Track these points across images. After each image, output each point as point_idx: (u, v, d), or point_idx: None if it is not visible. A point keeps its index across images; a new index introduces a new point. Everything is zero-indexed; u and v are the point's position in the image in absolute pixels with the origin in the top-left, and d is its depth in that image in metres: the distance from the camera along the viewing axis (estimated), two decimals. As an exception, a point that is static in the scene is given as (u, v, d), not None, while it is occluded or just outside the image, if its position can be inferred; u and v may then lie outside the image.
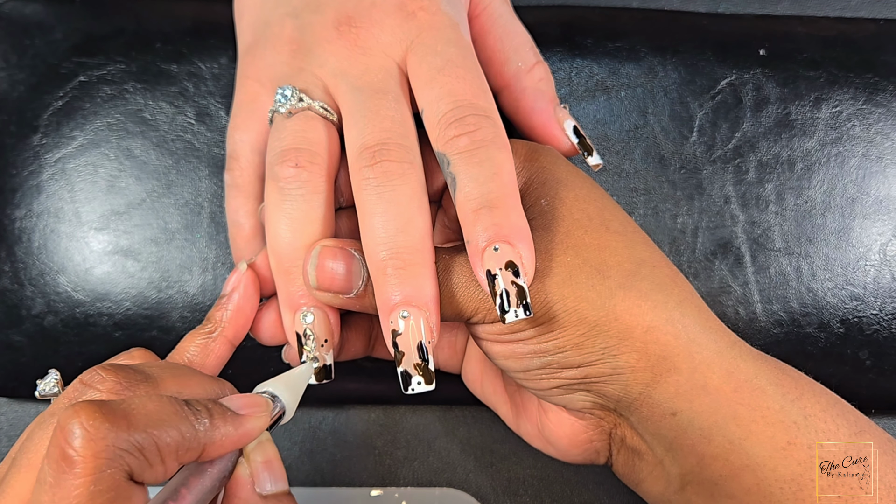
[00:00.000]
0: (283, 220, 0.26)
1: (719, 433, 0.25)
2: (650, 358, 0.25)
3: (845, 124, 0.36)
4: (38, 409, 0.36)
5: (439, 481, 0.36)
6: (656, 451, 0.27)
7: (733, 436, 0.25)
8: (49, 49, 0.36)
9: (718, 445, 0.25)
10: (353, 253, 0.25)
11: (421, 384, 0.24)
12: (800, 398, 0.25)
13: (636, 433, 0.27)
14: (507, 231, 0.23)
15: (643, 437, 0.27)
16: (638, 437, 0.27)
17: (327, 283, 0.25)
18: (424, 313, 0.24)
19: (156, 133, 0.35)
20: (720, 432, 0.25)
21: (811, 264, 0.35)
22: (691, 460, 0.26)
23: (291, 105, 0.26)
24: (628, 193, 0.35)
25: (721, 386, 0.25)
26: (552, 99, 0.31)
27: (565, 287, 0.25)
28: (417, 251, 0.24)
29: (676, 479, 0.26)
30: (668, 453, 0.26)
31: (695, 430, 0.25)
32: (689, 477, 0.26)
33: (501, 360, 0.27)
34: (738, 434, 0.25)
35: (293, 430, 0.36)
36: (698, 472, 0.26)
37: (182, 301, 0.34)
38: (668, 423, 0.26)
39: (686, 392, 0.25)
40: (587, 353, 0.25)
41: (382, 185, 0.24)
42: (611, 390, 0.26)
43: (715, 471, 0.25)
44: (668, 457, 0.26)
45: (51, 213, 0.34)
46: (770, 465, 0.24)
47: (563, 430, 0.28)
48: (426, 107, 0.26)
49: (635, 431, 0.27)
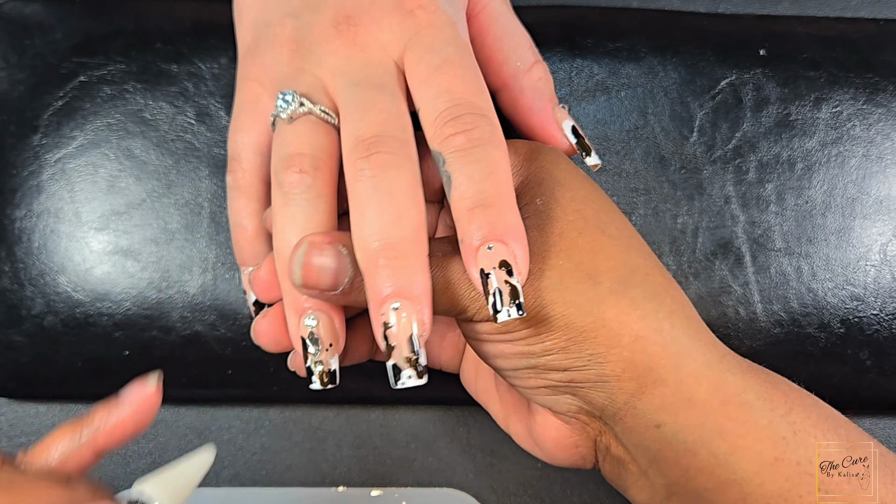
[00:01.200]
0: (287, 225, 0.25)
1: (704, 447, 0.25)
2: (636, 368, 0.25)
3: (845, 124, 0.36)
4: (37, 410, 0.36)
5: (439, 481, 0.36)
6: (640, 462, 0.26)
7: (719, 450, 0.25)
8: (49, 49, 0.36)
9: (703, 459, 0.25)
10: (339, 249, 0.24)
11: (412, 378, 0.23)
12: (789, 413, 0.25)
13: (620, 443, 0.27)
14: (502, 230, 0.23)
15: (627, 447, 0.27)
16: (622, 447, 0.27)
17: (313, 280, 0.24)
18: (416, 306, 0.23)
19: (156, 133, 0.35)
20: (705, 447, 0.25)
21: (811, 264, 0.35)
22: (676, 473, 0.26)
23: (293, 110, 0.26)
24: (628, 193, 0.35)
25: (708, 399, 0.25)
26: (551, 98, 0.31)
27: (555, 291, 0.25)
28: (411, 243, 0.24)
29: (661, 489, 0.26)
30: (652, 465, 0.26)
31: (679, 443, 0.25)
32: (674, 488, 0.26)
33: (490, 359, 0.27)
34: (724, 449, 0.25)
35: (293, 430, 0.36)
36: (683, 483, 0.26)
37: (182, 301, 0.34)
38: (651, 435, 0.25)
39: (671, 404, 0.25)
40: (573, 358, 0.25)
41: (377, 175, 0.24)
42: (596, 397, 0.26)
43: (700, 484, 0.25)
44: (651, 468, 0.26)
45: (51, 214, 0.34)
46: (757, 481, 0.24)
47: (550, 432, 0.28)
48: (423, 104, 0.26)
49: (619, 441, 0.27)
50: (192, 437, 0.36)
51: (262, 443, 0.36)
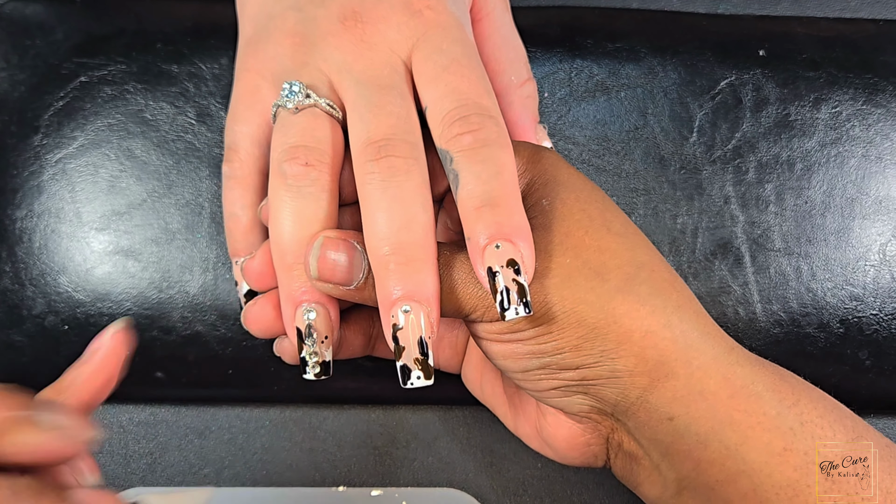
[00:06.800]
0: (289, 217, 0.25)
1: (715, 439, 0.25)
2: (648, 362, 0.25)
3: (845, 125, 0.36)
4: (38, 409, 0.36)
5: (439, 481, 0.36)
6: (653, 456, 0.27)
7: (729, 441, 0.25)
8: (50, 49, 0.36)
9: (714, 451, 0.25)
10: (354, 245, 0.25)
11: (420, 378, 0.24)
12: (796, 404, 0.25)
13: (633, 438, 0.27)
14: (509, 229, 0.24)
15: (640, 442, 0.27)
16: (634, 443, 0.27)
17: (328, 273, 0.25)
18: (426, 308, 0.24)
19: (156, 133, 0.35)
20: (716, 438, 0.25)
21: (811, 264, 0.35)
22: (687, 465, 0.26)
23: (298, 101, 0.26)
24: (628, 194, 0.35)
25: (717, 391, 0.25)
26: (535, 118, 0.32)
27: (564, 288, 0.25)
28: (420, 247, 0.24)
29: (673, 483, 0.26)
30: (665, 458, 0.26)
31: (691, 435, 0.25)
32: (685, 482, 0.26)
33: (500, 360, 0.27)
34: (734, 440, 0.25)
35: (293, 430, 0.36)
36: (694, 477, 0.26)
37: (183, 301, 0.34)
38: (664, 429, 0.26)
39: (683, 397, 0.25)
40: (585, 356, 0.25)
41: (387, 180, 0.24)
42: (608, 394, 0.26)
43: (711, 476, 0.25)
44: (664, 462, 0.26)
45: (52, 214, 0.34)
46: (766, 471, 0.24)
47: (561, 432, 0.28)
48: (430, 104, 0.26)
49: (632, 436, 0.27)
50: (192, 437, 0.36)
51: (262, 443, 0.36)
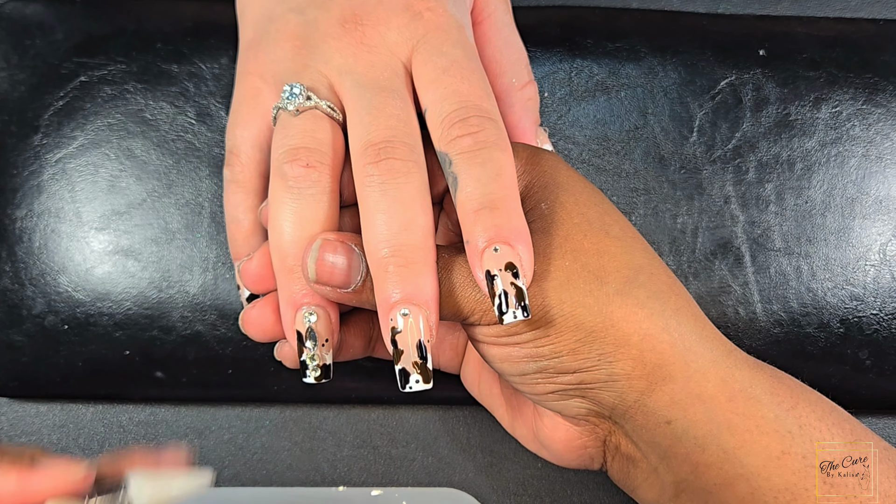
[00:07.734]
0: (289, 219, 0.25)
1: (713, 442, 0.25)
2: (646, 366, 0.25)
3: (845, 124, 0.36)
4: (38, 409, 0.36)
5: (439, 481, 0.36)
6: (650, 459, 0.27)
7: (727, 445, 0.25)
8: (50, 49, 0.36)
9: (712, 454, 0.25)
10: (352, 247, 0.25)
11: (419, 382, 0.24)
12: (795, 407, 0.25)
13: (630, 441, 0.27)
14: (508, 232, 0.23)
15: (637, 445, 0.27)
16: (632, 445, 0.27)
17: (326, 276, 0.25)
18: (424, 312, 0.24)
19: (156, 133, 0.35)
20: (714, 441, 0.25)
21: (811, 264, 0.35)
22: (685, 469, 0.26)
23: (299, 103, 0.26)
24: (628, 193, 0.35)
25: (716, 395, 0.25)
26: (535, 121, 0.32)
27: (563, 292, 0.25)
28: (419, 250, 0.24)
29: (670, 486, 0.26)
30: (663, 461, 0.26)
31: (689, 438, 0.25)
32: (683, 485, 0.26)
33: (498, 364, 0.27)
34: (732, 443, 0.25)
35: (293, 430, 0.36)
36: (692, 480, 0.26)
37: (183, 301, 0.34)
38: (662, 432, 0.26)
39: (681, 401, 0.25)
40: (583, 359, 0.25)
41: (386, 182, 0.24)
42: (606, 397, 0.26)
43: (709, 479, 0.25)
44: (662, 465, 0.26)
45: (51, 213, 0.34)
46: (764, 475, 0.24)
47: (558, 435, 0.28)
48: (430, 106, 0.26)
49: (630, 439, 0.27)
50: (192, 437, 0.36)
51: (262, 442, 0.36)
